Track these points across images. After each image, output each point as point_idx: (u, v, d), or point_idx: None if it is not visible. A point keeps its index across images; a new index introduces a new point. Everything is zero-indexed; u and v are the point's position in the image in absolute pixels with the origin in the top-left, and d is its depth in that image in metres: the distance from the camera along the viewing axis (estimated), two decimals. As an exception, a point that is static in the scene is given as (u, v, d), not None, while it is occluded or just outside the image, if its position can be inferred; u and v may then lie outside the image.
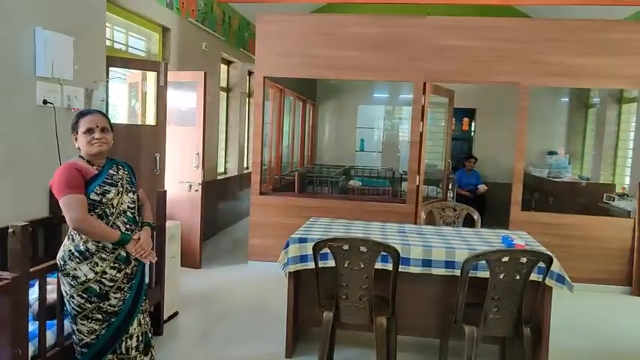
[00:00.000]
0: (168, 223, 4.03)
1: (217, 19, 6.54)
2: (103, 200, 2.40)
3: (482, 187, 7.94)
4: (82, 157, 2.48)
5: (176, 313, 3.99)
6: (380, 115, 8.98)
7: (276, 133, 6.58)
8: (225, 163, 7.42)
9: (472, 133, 8.83)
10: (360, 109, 8.90)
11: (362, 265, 2.74)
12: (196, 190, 5.15)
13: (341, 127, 9.07)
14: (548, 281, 2.83)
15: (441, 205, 4.31)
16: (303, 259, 3.12)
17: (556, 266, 2.82)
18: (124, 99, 5.37)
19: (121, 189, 2.48)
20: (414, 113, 5.10)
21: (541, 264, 2.67)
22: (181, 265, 4.95)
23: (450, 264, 2.99)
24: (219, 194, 6.72)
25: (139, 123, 5.11)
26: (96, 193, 2.39)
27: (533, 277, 2.71)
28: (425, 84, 5.05)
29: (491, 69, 4.93)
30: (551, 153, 8.16)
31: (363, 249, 2.73)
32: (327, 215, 5.00)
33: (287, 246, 3.15)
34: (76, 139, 2.47)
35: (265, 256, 5.07)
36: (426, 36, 4.98)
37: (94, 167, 2.46)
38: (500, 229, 3.83)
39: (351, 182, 8.31)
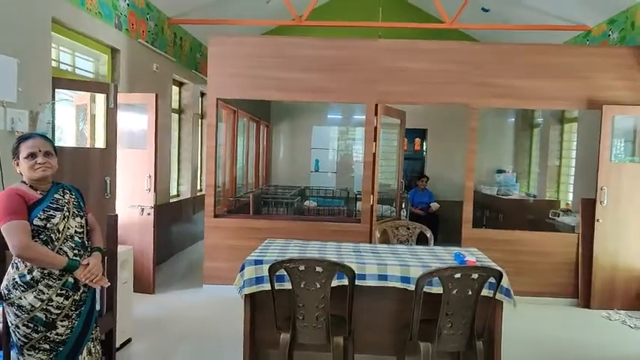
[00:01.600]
0: (120, 248, 3.89)
1: (168, 40, 6.48)
2: (48, 225, 2.31)
3: (434, 205, 8.12)
4: (24, 183, 2.38)
5: (129, 340, 3.85)
6: (334, 135, 9.09)
7: (230, 155, 6.53)
8: (178, 185, 7.27)
9: (424, 153, 9.06)
10: (315, 130, 8.97)
11: (318, 286, 2.72)
12: (149, 214, 5.01)
13: (296, 147, 9.10)
14: (498, 296, 2.90)
15: (394, 224, 4.37)
16: (259, 280, 3.07)
17: (505, 281, 2.90)
18: (71, 122, 5.20)
19: (67, 213, 2.39)
20: (367, 134, 5.19)
21: (492, 279, 2.74)
22: (134, 291, 4.78)
23: (405, 279, 3.03)
24: (172, 217, 6.56)
25: (87, 146, 4.95)
26: (39, 218, 2.30)
27: (484, 292, 2.77)
28: (377, 105, 5.16)
29: (441, 91, 5.11)
30: (500, 171, 8.47)
31: (319, 269, 2.72)
32: (283, 236, 4.94)
33: (242, 268, 3.10)
34: (18, 165, 2.39)
35: (220, 279, 4.97)
36: (378, 58, 5.11)
37: (38, 192, 2.37)
38: (452, 247, 3.91)
39: (307, 202, 8.31)
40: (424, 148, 9.01)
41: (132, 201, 5.01)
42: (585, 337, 4.27)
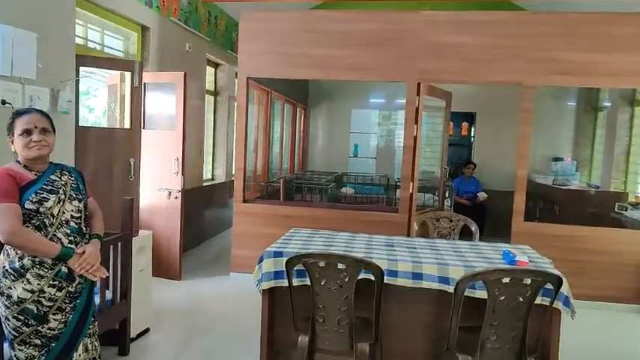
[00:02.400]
0: (141, 233, 3.70)
1: (202, 18, 6.23)
2: (41, 209, 2.09)
3: (481, 195, 7.56)
4: (18, 162, 2.16)
5: (147, 330, 3.65)
6: (374, 119, 8.62)
7: (263, 138, 6.23)
8: (213, 169, 7.08)
9: (472, 138, 8.46)
10: (354, 114, 8.55)
11: (340, 285, 2.37)
12: (176, 198, 4.80)
13: (334, 132, 8.72)
14: (556, 304, 2.45)
15: (435, 215, 3.94)
16: (278, 275, 2.76)
17: (565, 288, 2.44)
18: (103, 102, 5.06)
19: (62, 196, 2.16)
20: (408, 115, 4.75)
21: (548, 285, 2.30)
22: (160, 277, 4.60)
23: (443, 280, 2.63)
24: (205, 202, 6.37)
25: (117, 127, 4.79)
26: (31, 201, 2.08)
27: (539, 299, 2.33)
28: (419, 84, 4.70)
29: (491, 68, 4.58)
30: (557, 159, 7.77)
31: (341, 266, 2.36)
32: (314, 225, 4.65)
33: (261, 260, 2.80)
34: (12, 142, 2.17)
35: (248, 268, 4.63)
36: (420, 32, 4.64)
37: (32, 173, 2.15)
38: (500, 242, 3.46)
39: (344, 189, 7.95)
40: (472, 134, 8.40)
41: (159, 184, 4.81)
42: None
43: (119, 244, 3.25)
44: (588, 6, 5.81)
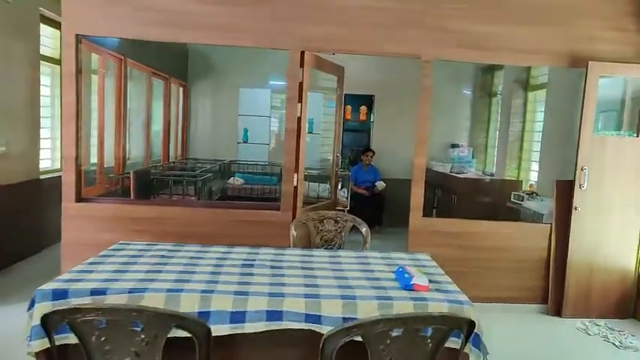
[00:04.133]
0: None
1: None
2: None
3: (379, 185, 7.02)
4: None
5: None
6: (267, 100, 7.72)
7: (117, 118, 5.06)
8: (61, 158, 5.75)
9: (371, 124, 7.89)
10: (243, 93, 7.58)
11: (137, 354, 1.47)
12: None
13: (220, 113, 7.69)
14: (466, 347, 1.76)
15: (318, 215, 3.17)
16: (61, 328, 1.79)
17: (478, 329, 1.76)
18: None
19: None
20: (290, 92, 3.91)
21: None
22: None
23: (313, 318, 1.84)
24: (40, 199, 5.05)
25: None
26: None
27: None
28: (303, 54, 3.89)
29: (387, 36, 3.88)
30: (455, 146, 7.44)
31: (135, 327, 1.46)
32: (178, 229, 3.74)
33: (33, 304, 1.81)
34: None
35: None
36: (303, -10, 3.81)
37: None
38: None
39: (232, 180, 7.08)
40: (371, 119, 7.83)
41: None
42: (556, 354, 3.29)
43: None
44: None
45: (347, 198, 6.61)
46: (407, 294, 2.00)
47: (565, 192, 4.02)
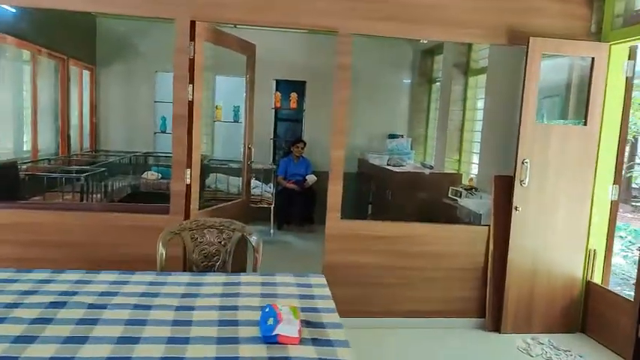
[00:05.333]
0: None
1: None
2: None
3: (310, 178, 6.39)
4: None
5: None
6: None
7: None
8: None
9: (303, 112, 7.22)
10: (160, 78, 6.74)
11: None
12: None
13: (134, 100, 6.81)
14: None
15: (198, 224, 2.47)
16: None
17: None
18: None
19: None
20: (177, 70, 3.19)
21: None
22: None
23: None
24: None
25: None
26: None
27: None
28: (193, 24, 3.16)
29: (301, 6, 3.21)
30: (393, 136, 6.90)
31: None
32: (44, 238, 3.04)
33: None
34: None
35: None
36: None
37: None
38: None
39: (146, 174, 6.30)
40: (303, 107, 7.16)
41: None
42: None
43: None
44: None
45: (272, 194, 5.94)
46: (264, 350, 1.35)
47: (505, 189, 3.50)
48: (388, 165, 6.30)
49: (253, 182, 5.97)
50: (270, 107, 6.98)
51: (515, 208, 3.42)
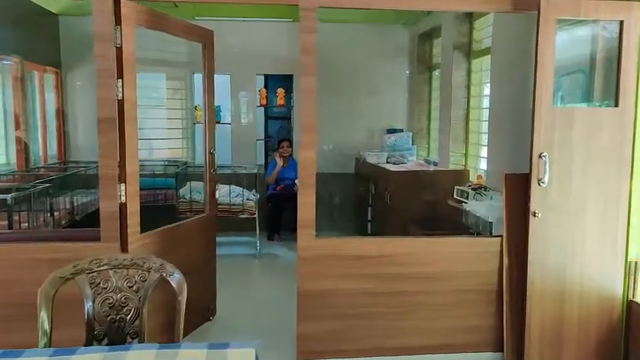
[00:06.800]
0: None
1: None
2: None
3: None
4: None
5: None
6: (161, 85, 6.30)
7: None
8: None
9: (292, 109, 6.56)
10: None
11: None
12: None
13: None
14: None
15: (99, 263, 1.82)
16: None
17: None
18: None
19: None
20: (101, 62, 2.55)
21: None
22: None
23: None
24: None
25: None
26: None
27: None
28: (118, 3, 2.53)
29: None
30: (392, 131, 6.22)
31: None
32: None
33: None
34: None
35: None
36: None
37: None
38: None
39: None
40: (291, 103, 6.51)
41: None
42: None
43: None
44: None
45: (255, 202, 5.30)
46: None
47: (519, 190, 2.80)
48: (388, 163, 5.64)
49: (234, 189, 5.34)
50: (255, 105, 6.35)
51: (534, 214, 2.72)
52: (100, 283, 1.79)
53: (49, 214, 3.89)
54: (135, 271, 1.82)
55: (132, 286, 1.81)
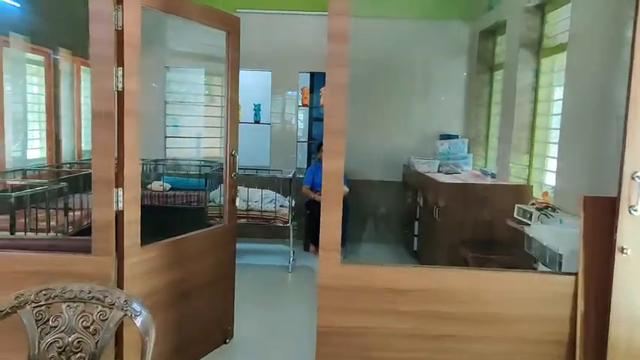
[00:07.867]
0: None
1: None
2: None
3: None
4: None
5: None
6: (199, 81, 6.04)
7: None
8: None
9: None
10: (171, 74, 5.89)
11: None
12: None
13: (142, 100, 5.98)
14: None
15: (49, 295, 1.43)
16: None
17: None
18: None
19: None
20: (96, 47, 2.20)
21: None
22: None
23: None
24: None
25: None
26: None
27: None
28: (119, -24, 2.17)
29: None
30: (445, 137, 5.65)
31: None
32: None
33: None
34: None
35: None
36: None
37: None
38: None
39: (155, 184, 5.56)
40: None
41: None
42: None
43: None
44: None
45: (290, 208, 4.88)
46: None
47: (602, 218, 2.20)
48: (439, 172, 5.09)
49: (268, 194, 4.97)
50: (297, 105, 5.97)
51: (621, 250, 2.12)
52: (48, 320, 1.40)
53: (63, 214, 3.63)
54: (94, 307, 1.42)
55: (88, 327, 1.41)
